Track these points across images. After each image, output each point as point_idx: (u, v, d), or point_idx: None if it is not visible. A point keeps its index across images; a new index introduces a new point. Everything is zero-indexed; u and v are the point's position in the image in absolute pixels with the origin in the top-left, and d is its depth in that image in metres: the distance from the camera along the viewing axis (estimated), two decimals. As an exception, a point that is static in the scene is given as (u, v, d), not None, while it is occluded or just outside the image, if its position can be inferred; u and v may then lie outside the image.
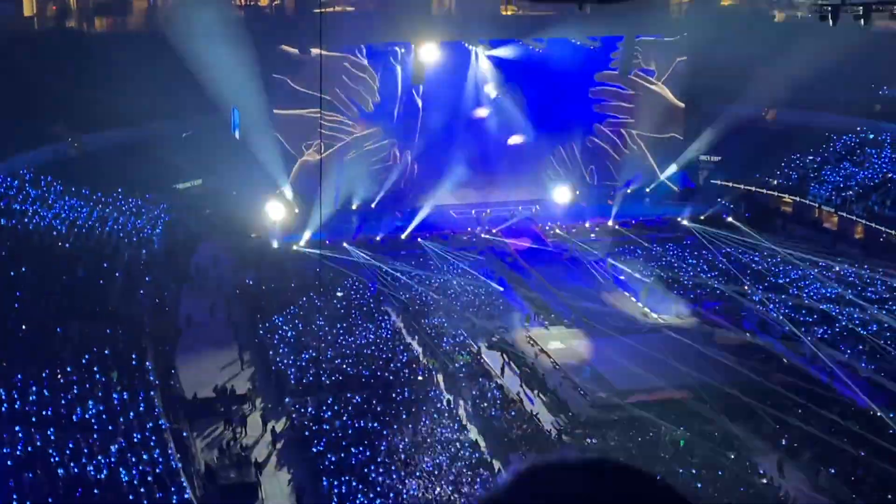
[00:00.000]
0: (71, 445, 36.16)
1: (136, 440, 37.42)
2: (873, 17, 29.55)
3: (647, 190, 74.64)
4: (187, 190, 69.69)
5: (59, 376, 41.46)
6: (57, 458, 35.12)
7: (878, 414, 43.41)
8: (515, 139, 74.86)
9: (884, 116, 73.95)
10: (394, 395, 44.53)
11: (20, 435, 36.19)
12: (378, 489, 37.27)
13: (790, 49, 68.25)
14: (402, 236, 67.08)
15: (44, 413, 38.25)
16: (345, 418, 42.21)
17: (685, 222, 69.26)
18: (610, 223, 69.91)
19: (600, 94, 75.46)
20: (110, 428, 38.08)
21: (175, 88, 64.40)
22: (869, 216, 64.31)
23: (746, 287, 58.29)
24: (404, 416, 42.39)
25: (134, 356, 44.77)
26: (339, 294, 56.71)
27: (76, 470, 34.86)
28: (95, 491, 33.89)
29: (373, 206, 70.84)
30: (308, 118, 66.71)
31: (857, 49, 65.22)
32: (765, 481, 38.80)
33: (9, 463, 34.05)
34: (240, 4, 79.18)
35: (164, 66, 63.67)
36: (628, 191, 74.66)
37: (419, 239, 66.41)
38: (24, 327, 44.56)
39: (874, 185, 66.77)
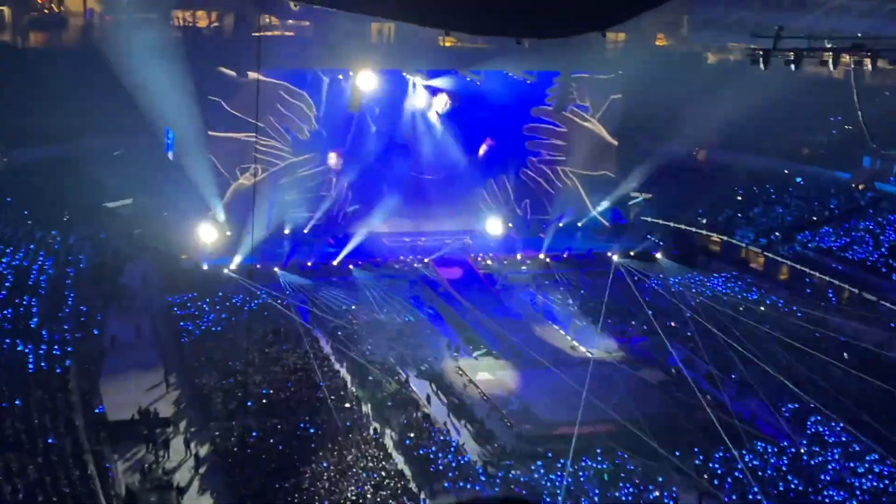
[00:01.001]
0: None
1: (55, 461, 36.77)
2: (804, 62, 30.17)
3: (579, 224, 75.24)
4: (117, 209, 68.88)
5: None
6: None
7: (800, 451, 44.07)
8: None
9: (810, 161, 75.57)
10: (320, 421, 44.25)
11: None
12: (301, 516, 36.97)
13: (722, 91, 69.57)
14: (334, 263, 66.85)
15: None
16: (269, 444, 41.84)
17: (615, 257, 69.90)
18: (541, 256, 70.32)
19: (534, 130, 76.05)
20: (28, 448, 37.37)
21: (108, 106, 63.79)
22: (794, 257, 65.47)
23: (673, 324, 58.95)
24: (330, 444, 42.13)
25: (56, 375, 44.07)
26: (268, 319, 56.29)
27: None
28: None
29: (305, 231, 70.60)
30: (243, 142, 66.43)
31: (787, 94, 66.70)
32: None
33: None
34: (178, 24, 78.73)
35: (99, 83, 63.10)
36: (560, 224, 75.24)
37: (351, 266, 66.25)
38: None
39: (799, 227, 68.03)
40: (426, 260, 67.95)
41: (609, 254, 70.47)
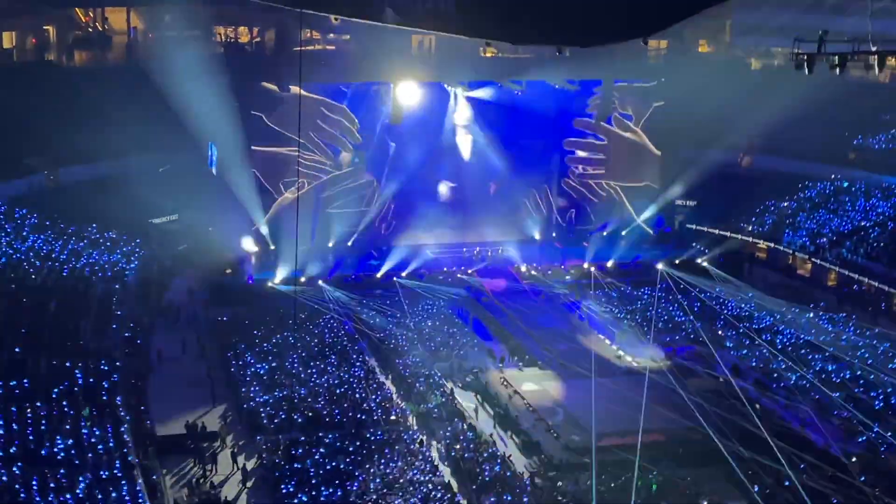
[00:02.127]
0: (37, 480, 35.70)
1: (104, 476, 37.02)
2: (849, 66, 29.79)
3: (623, 233, 74.91)
4: (163, 225, 69.42)
5: (28, 410, 41.04)
6: (24, 494, 34.65)
7: (852, 460, 43.47)
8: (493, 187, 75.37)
9: (858, 165, 74.72)
10: (366, 434, 44.26)
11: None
12: (348, 530, 36.95)
13: (766, 96, 69.04)
14: (378, 275, 67.01)
15: (11, 448, 37.79)
16: (316, 457, 41.89)
17: (660, 266, 69.44)
18: (585, 265, 70.07)
19: (574, 144, 75.77)
20: (78, 463, 37.65)
21: (153, 123, 64.30)
22: (842, 263, 64.72)
23: (720, 332, 58.47)
24: (376, 457, 42.10)
25: (104, 391, 44.39)
26: (313, 332, 56.43)
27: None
28: (62, 527, 33.47)
29: (349, 244, 70.82)
30: (286, 155, 66.75)
31: (833, 98, 66.04)
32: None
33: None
34: (220, 40, 79.30)
35: (143, 100, 63.62)
36: (604, 234, 74.97)
37: (394, 278, 66.35)
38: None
39: (847, 233, 67.28)
40: (470, 271, 67.91)
41: (654, 262, 70.06)
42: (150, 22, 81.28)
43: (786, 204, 73.15)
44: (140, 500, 36.08)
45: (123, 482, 36.74)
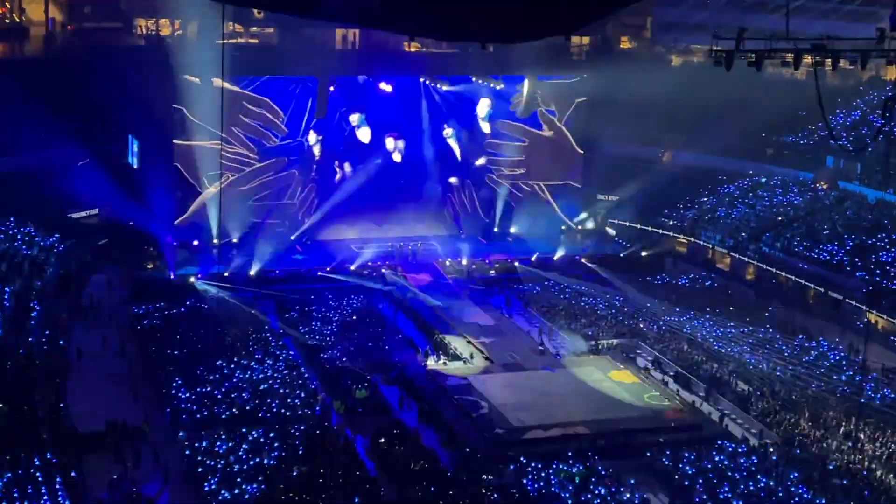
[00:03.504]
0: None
1: (22, 475, 36.43)
2: (766, 63, 30.40)
3: (546, 228, 75.30)
4: (82, 219, 68.34)
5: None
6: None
7: (768, 450, 44.36)
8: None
9: (775, 161, 76.11)
10: (290, 430, 44.06)
11: None
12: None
13: (686, 92, 70.10)
14: (302, 270, 66.65)
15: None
16: (240, 454, 41.63)
17: (583, 260, 70.14)
18: (509, 260, 70.41)
19: (496, 147, 75.92)
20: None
21: (72, 116, 63.28)
22: (760, 258, 65.90)
23: (642, 325, 59.22)
24: (301, 452, 41.96)
25: (23, 389, 43.64)
26: (236, 327, 55.99)
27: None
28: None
29: (272, 238, 70.31)
30: (209, 149, 66.14)
31: (751, 94, 67.23)
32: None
33: None
34: (141, 33, 78.29)
35: (62, 93, 62.61)
36: (527, 228, 75.29)
37: (319, 273, 66.04)
38: None
39: (764, 228, 68.47)
40: (394, 266, 67.85)
41: (577, 257, 70.70)
42: (68, 13, 79.97)
43: (705, 199, 74.25)
44: (60, 499, 35.59)
45: (43, 481, 36.20)
